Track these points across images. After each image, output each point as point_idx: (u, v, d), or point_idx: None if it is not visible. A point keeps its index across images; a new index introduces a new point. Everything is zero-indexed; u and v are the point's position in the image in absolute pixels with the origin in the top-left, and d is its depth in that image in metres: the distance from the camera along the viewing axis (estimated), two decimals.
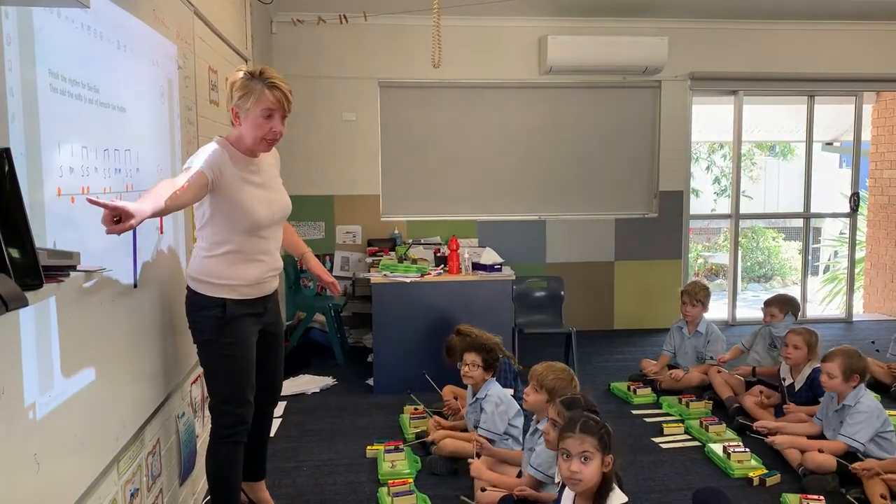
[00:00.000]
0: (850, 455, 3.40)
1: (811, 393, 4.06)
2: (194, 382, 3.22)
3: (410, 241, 6.04)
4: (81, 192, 1.92)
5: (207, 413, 3.33)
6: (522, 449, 3.34)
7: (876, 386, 4.71)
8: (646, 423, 4.32)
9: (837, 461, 3.36)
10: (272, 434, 4.11)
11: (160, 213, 2.13)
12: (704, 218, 10.76)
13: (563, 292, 5.84)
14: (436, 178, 6.53)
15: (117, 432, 2.20)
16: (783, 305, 4.66)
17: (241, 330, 2.65)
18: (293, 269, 6.05)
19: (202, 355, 2.70)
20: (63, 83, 1.82)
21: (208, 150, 2.53)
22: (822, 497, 3.11)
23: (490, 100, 6.51)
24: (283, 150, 2.95)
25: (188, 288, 2.66)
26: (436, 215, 6.50)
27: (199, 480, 3.28)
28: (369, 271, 5.26)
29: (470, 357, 3.75)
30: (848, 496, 3.24)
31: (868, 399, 3.53)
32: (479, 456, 3.26)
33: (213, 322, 2.60)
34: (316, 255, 3.18)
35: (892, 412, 4.05)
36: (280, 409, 4.54)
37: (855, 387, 3.51)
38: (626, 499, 2.27)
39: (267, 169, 2.73)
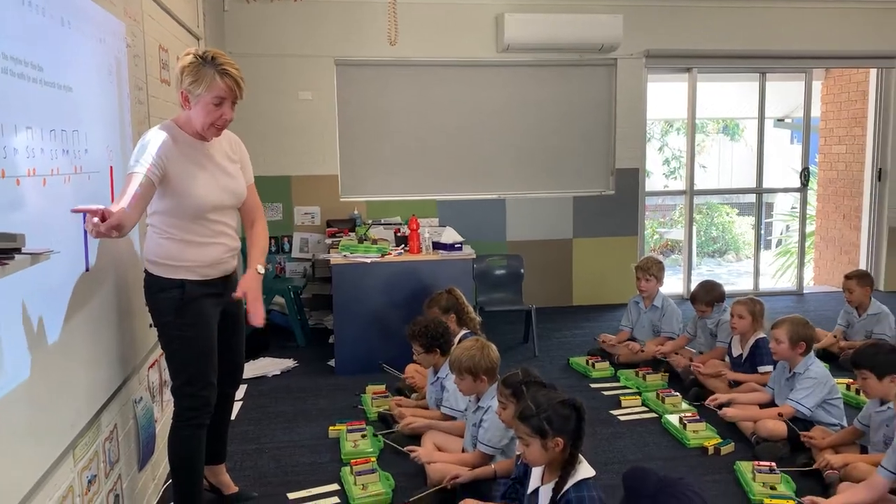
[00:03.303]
0: (800, 420, 3.52)
1: (751, 361, 4.18)
2: (152, 367, 3.18)
3: (370, 221, 6.01)
4: (27, 174, 1.87)
5: (166, 397, 3.31)
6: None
7: (825, 356, 4.86)
8: (604, 397, 4.40)
9: (788, 428, 3.47)
10: (233, 417, 4.10)
11: (131, 222, 2.20)
12: (660, 195, 10.91)
13: (522, 270, 5.89)
14: (395, 157, 6.50)
15: (72, 419, 2.16)
16: (708, 297, 4.72)
17: (201, 311, 2.63)
18: None
19: (163, 338, 2.66)
20: (4, 61, 1.76)
21: (154, 141, 2.45)
22: (773, 463, 3.21)
23: (448, 78, 6.49)
24: (238, 131, 2.90)
25: (146, 271, 2.62)
26: (396, 195, 6.48)
27: (160, 465, 3.25)
28: (329, 252, 5.22)
29: (414, 346, 3.82)
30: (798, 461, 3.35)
31: (817, 367, 3.64)
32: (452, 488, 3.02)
33: (172, 303, 2.57)
34: (274, 237, 3.14)
35: (841, 380, 4.20)
36: (241, 392, 4.51)
37: (803, 355, 3.62)
38: (592, 472, 2.32)
39: (219, 153, 2.68)
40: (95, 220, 1.97)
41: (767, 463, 3.21)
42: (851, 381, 4.11)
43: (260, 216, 2.91)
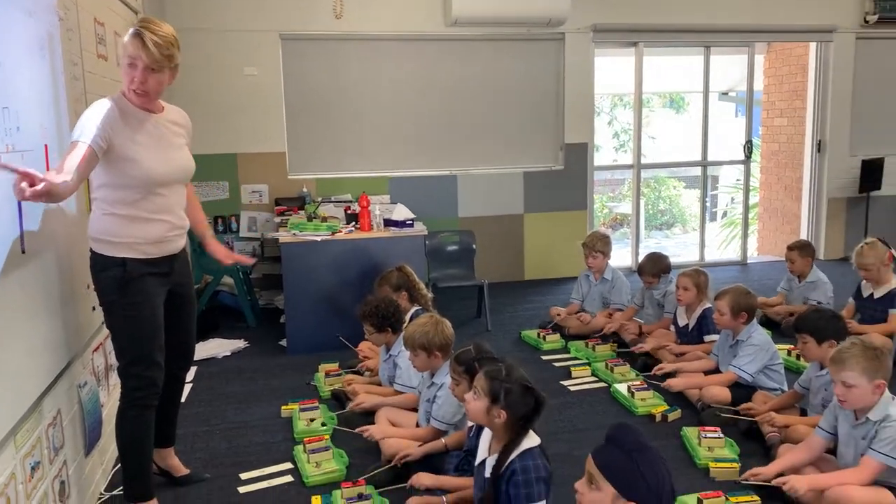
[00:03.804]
0: (743, 386, 3.63)
1: (698, 331, 4.29)
2: (96, 350, 3.10)
3: (320, 199, 5.95)
4: None
5: (113, 381, 3.24)
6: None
7: (768, 323, 5.02)
8: (555, 368, 4.47)
9: (731, 393, 3.59)
10: (183, 399, 4.04)
11: (68, 190, 2.16)
12: (608, 169, 11.04)
13: (474, 246, 5.92)
14: (344, 134, 6.42)
15: (12, 404, 2.10)
16: (654, 269, 4.82)
17: (145, 289, 2.58)
18: None
19: (107, 317, 2.62)
20: None
21: (98, 110, 2.43)
22: (718, 428, 3.31)
23: (397, 53, 6.42)
24: (181, 107, 2.84)
25: (90, 250, 2.57)
26: (345, 172, 6.41)
27: (108, 450, 3.19)
28: (278, 231, 5.16)
29: (366, 326, 3.81)
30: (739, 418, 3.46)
31: (759, 334, 3.76)
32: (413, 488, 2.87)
33: (115, 282, 2.54)
34: (220, 216, 3.09)
35: (782, 346, 4.34)
36: (191, 374, 4.44)
37: (745, 323, 3.73)
38: (538, 441, 2.35)
39: (168, 127, 2.65)
40: (23, 184, 1.92)
41: (713, 428, 3.31)
42: (792, 346, 4.25)
43: (191, 187, 2.93)
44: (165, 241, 2.64)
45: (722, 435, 3.25)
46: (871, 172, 7.32)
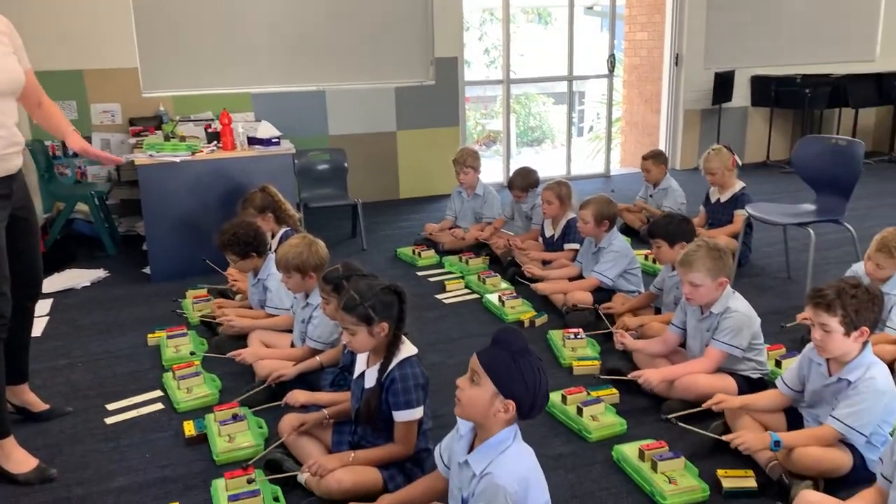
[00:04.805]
0: (604, 290, 3.84)
1: (562, 241, 4.47)
2: None
3: (178, 118, 5.61)
4: None
5: None
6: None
7: (627, 231, 5.29)
8: (429, 283, 4.54)
9: (594, 297, 3.79)
10: (39, 333, 3.83)
11: None
12: (478, 84, 11.06)
13: (346, 164, 5.82)
14: (202, 47, 6.02)
15: None
16: (523, 183, 4.93)
17: None
18: (44, 157, 5.44)
19: None
20: None
21: None
22: (580, 329, 3.50)
23: None
24: (16, 18, 2.57)
25: None
26: (205, 89, 6.05)
27: None
28: (133, 153, 4.84)
29: (228, 255, 3.68)
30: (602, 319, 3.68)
31: (619, 241, 3.95)
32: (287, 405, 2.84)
33: None
34: None
35: (640, 252, 4.60)
36: (46, 306, 4.20)
37: (607, 231, 3.91)
38: (415, 351, 2.39)
39: None
40: None
41: (576, 329, 3.49)
42: (649, 251, 4.51)
43: (45, 95, 2.71)
44: (1, 159, 2.42)
45: (584, 336, 3.45)
46: (724, 85, 7.74)
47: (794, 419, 2.58)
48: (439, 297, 4.28)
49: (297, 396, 2.71)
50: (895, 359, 2.92)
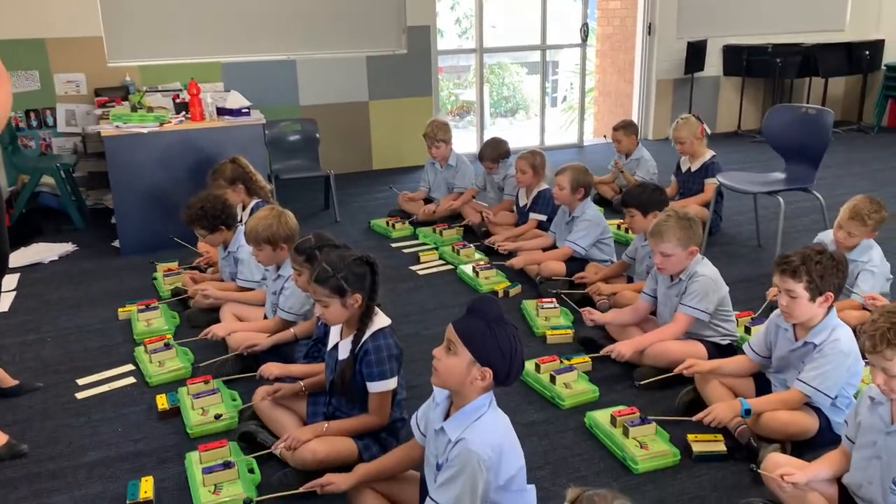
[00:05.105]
0: (578, 260, 3.86)
1: (535, 209, 4.46)
2: None
3: (145, 88, 5.49)
4: None
5: None
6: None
7: (601, 201, 5.31)
8: (404, 254, 4.53)
9: (567, 267, 3.81)
10: (6, 309, 3.78)
11: None
12: (451, 53, 10.96)
13: (318, 135, 5.75)
14: (170, 15, 5.88)
15: None
16: (494, 154, 4.91)
17: None
18: (6, 128, 5.28)
19: None
20: None
21: None
22: (553, 299, 3.52)
23: None
24: None
25: None
26: (173, 58, 5.92)
27: None
28: (99, 124, 4.74)
29: (196, 230, 3.62)
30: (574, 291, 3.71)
31: (592, 211, 3.96)
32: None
33: None
34: (33, 110, 2.78)
35: (612, 221, 4.62)
36: (12, 281, 4.12)
37: (581, 199, 3.91)
38: (388, 322, 2.39)
39: None
40: None
41: (549, 299, 3.51)
42: (621, 221, 4.53)
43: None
44: None
45: (557, 305, 3.47)
46: (696, 54, 7.75)
47: (762, 384, 2.63)
48: (414, 268, 4.27)
49: (272, 369, 2.71)
50: (860, 324, 2.98)
